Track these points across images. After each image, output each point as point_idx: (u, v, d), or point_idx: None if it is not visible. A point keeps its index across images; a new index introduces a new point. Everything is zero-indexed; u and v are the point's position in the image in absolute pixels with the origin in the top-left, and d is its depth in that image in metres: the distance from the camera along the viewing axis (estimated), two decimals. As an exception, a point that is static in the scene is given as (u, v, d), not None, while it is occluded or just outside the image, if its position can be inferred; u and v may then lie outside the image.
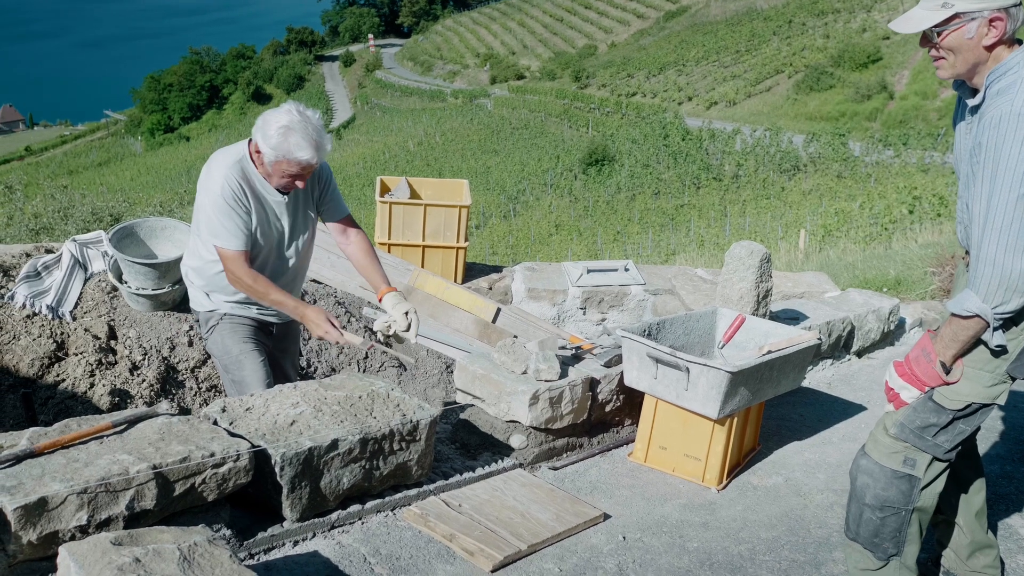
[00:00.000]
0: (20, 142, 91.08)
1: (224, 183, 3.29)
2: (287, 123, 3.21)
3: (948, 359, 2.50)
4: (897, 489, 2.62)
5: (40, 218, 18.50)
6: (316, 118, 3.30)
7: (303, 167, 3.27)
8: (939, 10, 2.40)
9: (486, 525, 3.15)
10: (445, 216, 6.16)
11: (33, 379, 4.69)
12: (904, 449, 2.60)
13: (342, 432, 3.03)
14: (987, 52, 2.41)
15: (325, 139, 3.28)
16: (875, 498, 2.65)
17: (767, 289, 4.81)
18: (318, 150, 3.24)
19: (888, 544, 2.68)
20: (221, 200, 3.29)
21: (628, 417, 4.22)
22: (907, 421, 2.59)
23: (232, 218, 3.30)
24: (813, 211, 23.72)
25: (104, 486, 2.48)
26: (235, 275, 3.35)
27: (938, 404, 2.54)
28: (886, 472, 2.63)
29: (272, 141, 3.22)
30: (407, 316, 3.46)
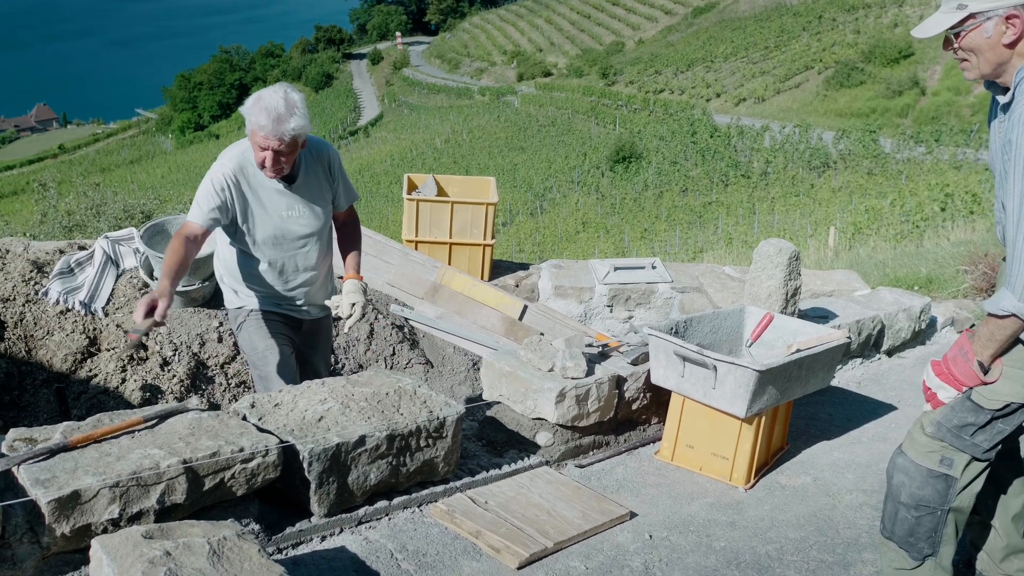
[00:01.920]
0: (54, 140, 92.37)
1: (215, 171, 3.41)
2: (261, 94, 3.31)
3: (986, 359, 2.46)
4: (933, 488, 2.59)
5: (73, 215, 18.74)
6: (295, 97, 3.31)
7: (265, 137, 3.26)
8: (954, 12, 2.41)
9: (512, 522, 3.16)
10: (472, 213, 6.16)
11: (66, 374, 4.76)
12: (941, 448, 2.57)
13: (369, 428, 3.04)
14: (1009, 50, 2.40)
15: (291, 115, 3.25)
16: (911, 497, 2.62)
17: (796, 287, 4.77)
18: (276, 121, 3.22)
19: (923, 544, 2.65)
20: (208, 182, 3.40)
21: (655, 415, 4.20)
22: (944, 420, 2.56)
23: (207, 198, 3.38)
24: (843, 209, 23.48)
25: (135, 480, 2.51)
26: (177, 233, 3.39)
27: (976, 404, 2.50)
28: (922, 471, 2.60)
29: (246, 107, 3.32)
30: (352, 307, 3.56)
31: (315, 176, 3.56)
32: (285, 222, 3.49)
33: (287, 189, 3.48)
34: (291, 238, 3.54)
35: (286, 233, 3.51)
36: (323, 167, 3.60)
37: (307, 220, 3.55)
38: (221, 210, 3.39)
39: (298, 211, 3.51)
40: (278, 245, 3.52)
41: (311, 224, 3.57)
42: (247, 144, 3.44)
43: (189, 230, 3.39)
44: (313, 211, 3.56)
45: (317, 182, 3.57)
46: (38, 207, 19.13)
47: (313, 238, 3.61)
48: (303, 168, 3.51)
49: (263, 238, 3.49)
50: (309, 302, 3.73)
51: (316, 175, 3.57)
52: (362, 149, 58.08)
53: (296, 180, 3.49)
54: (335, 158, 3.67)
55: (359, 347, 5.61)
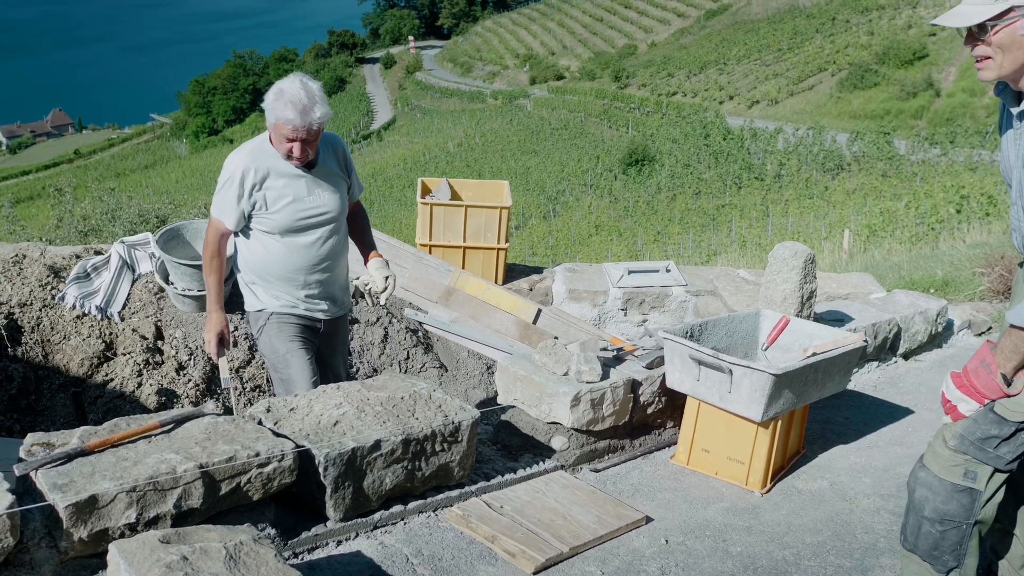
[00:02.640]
0: (69, 145, 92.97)
1: (232, 165, 3.52)
2: (282, 88, 3.41)
3: (1009, 371, 2.41)
4: (958, 503, 2.54)
5: (89, 220, 18.85)
6: (314, 86, 3.44)
7: (293, 130, 3.38)
8: (993, 4, 2.29)
9: (528, 527, 3.15)
10: (486, 217, 6.17)
11: (83, 378, 4.78)
12: (965, 462, 2.51)
13: (385, 433, 3.04)
14: None
15: (315, 104, 3.39)
16: (935, 511, 2.57)
17: (811, 291, 4.75)
18: (302, 113, 3.35)
19: (948, 557, 2.60)
20: (225, 177, 3.52)
21: (670, 419, 4.19)
22: (967, 433, 2.49)
23: (225, 193, 3.52)
24: (857, 211, 23.38)
25: (152, 485, 2.51)
26: (206, 240, 3.60)
27: (1000, 416, 2.44)
28: (946, 485, 2.54)
29: (268, 103, 3.42)
30: (386, 280, 3.65)
31: (331, 163, 3.69)
32: (305, 206, 3.59)
33: (306, 174, 3.58)
34: (311, 221, 3.62)
35: (305, 216, 3.59)
36: (338, 157, 3.73)
37: (326, 203, 3.64)
38: (242, 201, 3.51)
39: (317, 195, 3.62)
40: (299, 230, 3.60)
41: (329, 207, 3.65)
42: (261, 140, 3.58)
43: (216, 231, 3.57)
44: (331, 194, 3.66)
45: (332, 168, 3.69)
46: (54, 212, 19.24)
47: (331, 223, 3.68)
48: (320, 154, 3.63)
49: (284, 223, 3.57)
50: (326, 293, 3.76)
51: (331, 162, 3.69)
52: (375, 153, 58.25)
53: (315, 165, 3.61)
54: (347, 150, 3.84)
55: (373, 351, 5.61)
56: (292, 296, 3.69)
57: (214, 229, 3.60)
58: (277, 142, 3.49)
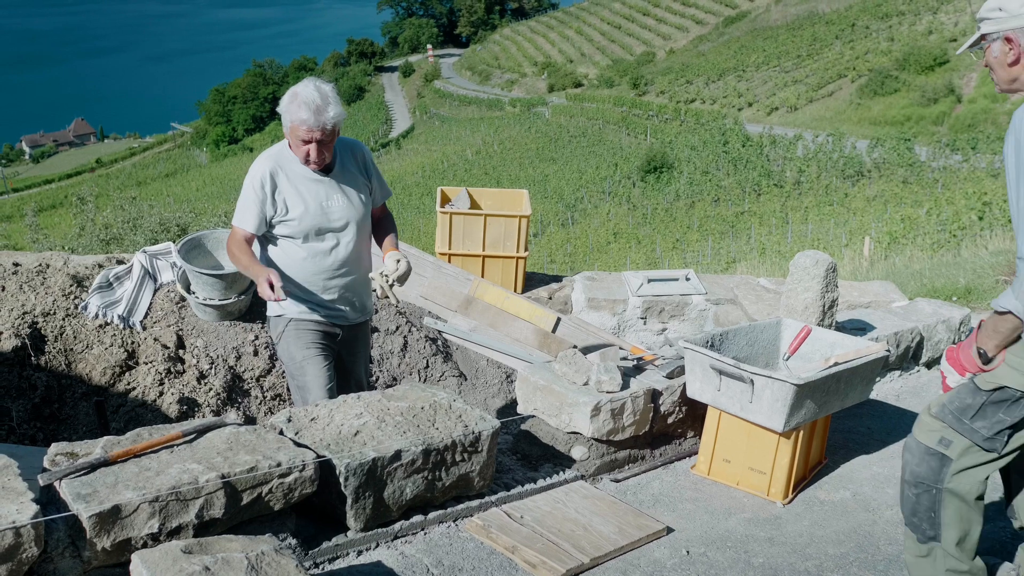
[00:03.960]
0: (91, 154, 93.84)
1: (254, 173, 3.58)
2: (296, 90, 3.47)
3: (989, 348, 2.57)
4: (928, 466, 2.70)
5: (111, 228, 19.01)
6: (327, 88, 3.50)
7: (308, 130, 3.44)
8: (976, 32, 2.65)
9: (548, 537, 3.14)
10: (505, 226, 6.17)
11: (105, 387, 4.81)
12: (942, 429, 2.69)
13: (405, 443, 3.05)
14: (1012, 69, 2.58)
15: (328, 104, 3.45)
16: (911, 474, 2.75)
17: (833, 299, 4.72)
18: (316, 113, 3.42)
19: (925, 525, 2.74)
20: (247, 183, 3.57)
21: (691, 429, 4.17)
22: (948, 403, 2.69)
23: (247, 199, 3.57)
24: (878, 218, 23.25)
25: (175, 495, 2.53)
26: (229, 246, 3.63)
27: (976, 386, 2.63)
28: (921, 448, 2.73)
29: (283, 107, 3.49)
30: (398, 263, 3.67)
31: (350, 167, 3.73)
32: (325, 211, 3.62)
33: (326, 179, 3.62)
34: (330, 225, 3.64)
35: (326, 220, 3.63)
36: (358, 162, 3.77)
37: (345, 207, 3.67)
38: (264, 207, 3.56)
39: (336, 199, 3.65)
40: (319, 234, 3.63)
41: (349, 211, 3.68)
42: (280, 146, 3.64)
43: (239, 237, 3.59)
44: (350, 199, 3.69)
45: (352, 173, 3.73)
46: (76, 220, 19.40)
47: (351, 227, 3.70)
48: (338, 158, 3.68)
49: (304, 227, 3.60)
50: (347, 299, 3.77)
51: (351, 167, 3.73)
52: (393, 161, 58.45)
53: (332, 169, 3.65)
54: (369, 155, 3.88)
55: (393, 359, 5.62)
56: (312, 301, 3.70)
57: (236, 236, 3.61)
58: (294, 146, 3.54)
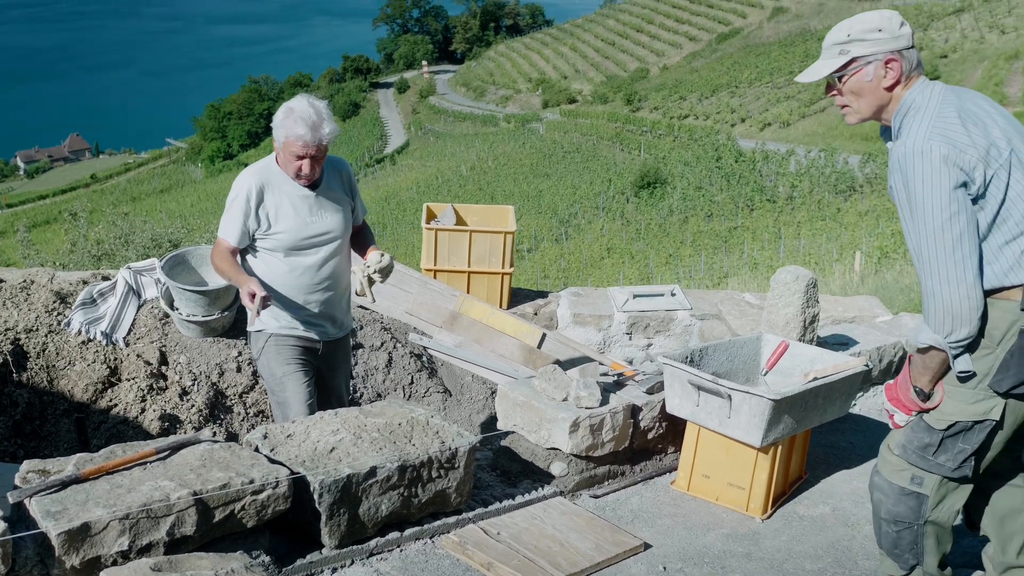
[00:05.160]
0: (86, 170, 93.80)
1: (239, 185, 3.61)
2: (291, 106, 3.51)
3: (924, 385, 2.56)
4: (906, 506, 2.68)
5: (103, 244, 19.00)
6: (321, 104, 3.55)
7: (304, 146, 3.48)
8: (837, 57, 2.56)
9: (524, 554, 3.14)
10: (491, 242, 6.18)
11: (87, 404, 4.81)
12: (910, 467, 2.66)
13: (380, 459, 3.05)
14: (888, 93, 2.56)
15: (324, 121, 3.50)
16: (888, 513, 2.72)
17: (814, 315, 4.74)
18: (312, 129, 3.46)
19: (908, 555, 2.75)
20: (232, 196, 3.60)
21: (671, 445, 4.17)
22: (907, 442, 2.65)
23: (232, 212, 3.60)
24: (870, 233, 23.30)
25: (146, 512, 2.52)
26: (213, 257, 3.65)
27: (928, 424, 2.60)
28: (895, 489, 2.69)
29: (277, 122, 3.53)
30: (381, 256, 3.71)
31: (335, 184, 3.76)
32: (308, 226, 3.64)
33: (311, 194, 3.65)
34: (313, 241, 3.66)
35: (309, 234, 3.65)
36: (342, 180, 3.81)
37: (328, 223, 3.69)
38: (248, 220, 3.58)
39: (320, 215, 3.68)
40: (301, 249, 3.65)
41: (333, 227, 3.71)
42: (267, 161, 3.68)
43: (224, 249, 3.61)
44: (333, 216, 3.72)
45: (336, 190, 3.76)
46: (68, 236, 19.41)
47: (333, 243, 3.72)
48: (324, 175, 3.71)
49: (287, 242, 3.62)
50: (327, 314, 3.78)
51: (335, 185, 3.76)
52: (388, 177, 58.54)
53: (319, 186, 3.67)
54: (352, 173, 3.93)
55: (377, 375, 5.62)
56: (293, 316, 3.71)
57: (220, 248, 3.63)
58: (285, 161, 3.57)
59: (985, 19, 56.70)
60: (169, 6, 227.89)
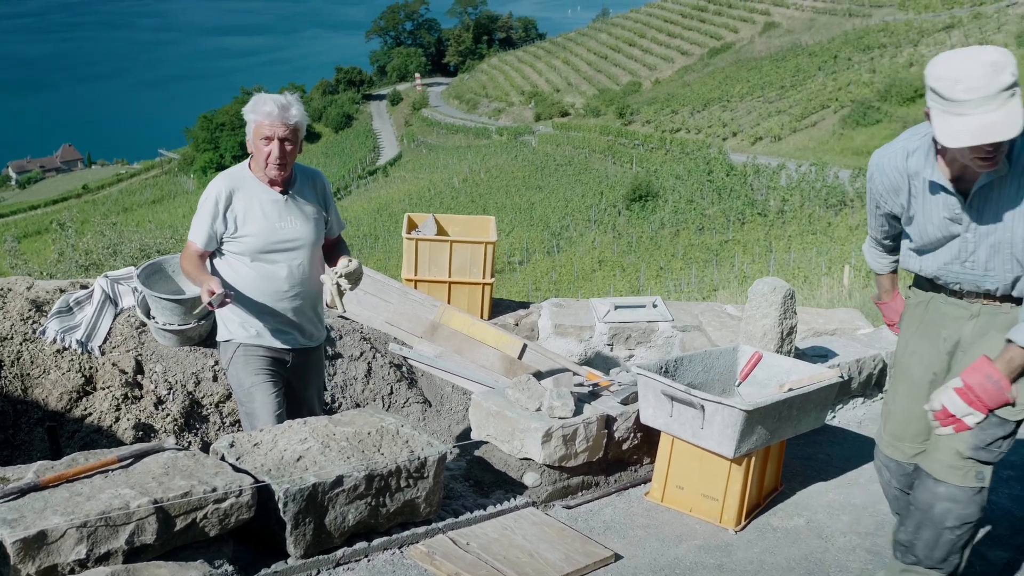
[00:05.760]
0: (78, 181, 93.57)
1: (210, 188, 3.62)
2: (260, 95, 3.60)
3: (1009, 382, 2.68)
4: (976, 504, 2.82)
5: (91, 254, 18.98)
6: (289, 95, 3.62)
7: (271, 124, 3.50)
8: (1015, 99, 2.40)
9: (493, 564, 3.11)
10: (471, 252, 6.18)
11: (61, 413, 4.77)
12: (975, 465, 2.79)
13: (348, 468, 3.02)
14: None
15: (292, 104, 3.55)
16: (958, 518, 2.82)
17: (791, 326, 4.73)
18: (281, 108, 3.51)
19: (956, 557, 2.88)
20: (203, 199, 3.61)
21: (646, 455, 4.15)
22: (979, 442, 2.75)
23: (201, 215, 3.60)
24: (859, 247, 23.37)
25: (104, 520, 2.50)
26: (183, 260, 3.68)
27: (1002, 418, 2.72)
28: (968, 492, 2.80)
29: (247, 109, 3.58)
30: (349, 262, 3.66)
31: (308, 193, 3.75)
32: (277, 230, 3.63)
33: (281, 197, 3.64)
34: (282, 245, 3.65)
35: (277, 239, 3.63)
36: (316, 190, 3.80)
37: (299, 229, 3.68)
38: (216, 222, 3.58)
39: (289, 221, 3.66)
40: (268, 252, 3.63)
41: (303, 233, 3.69)
42: (240, 166, 3.70)
43: (193, 252, 3.61)
44: (304, 223, 3.70)
45: (309, 200, 3.74)
46: (55, 246, 19.38)
47: (302, 250, 3.70)
48: (297, 180, 3.70)
49: (255, 246, 3.61)
50: (296, 323, 3.76)
51: (308, 194, 3.75)
52: (381, 189, 58.55)
53: (291, 189, 3.67)
54: (328, 186, 3.92)
55: (356, 386, 5.60)
56: (261, 323, 3.69)
57: (189, 251, 3.63)
58: (256, 149, 3.57)
59: (975, 35, 57.05)
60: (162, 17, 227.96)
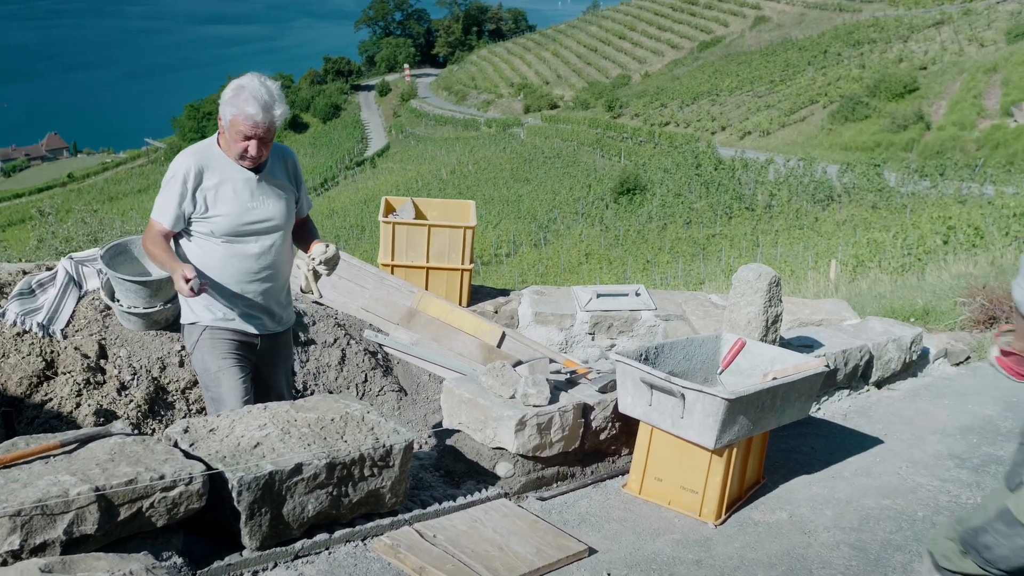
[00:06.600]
0: (64, 169, 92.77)
1: (176, 165, 3.43)
2: (242, 83, 3.36)
3: None
4: None
5: (72, 241, 18.70)
6: (273, 85, 3.39)
7: (253, 126, 3.32)
8: None
9: (460, 558, 2.97)
10: (450, 237, 6.01)
11: (21, 398, 4.60)
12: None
13: (307, 456, 2.87)
14: None
15: (276, 102, 3.36)
16: None
17: (776, 314, 4.60)
18: (264, 109, 3.31)
19: None
20: (168, 177, 3.42)
21: (625, 446, 4.01)
22: None
23: (167, 193, 3.40)
24: (846, 241, 23.31)
25: (40, 509, 2.34)
26: (145, 241, 3.47)
27: None
28: None
29: (226, 99, 3.36)
30: (326, 248, 3.55)
31: (280, 171, 3.59)
32: (249, 211, 3.47)
33: (253, 178, 3.47)
34: (253, 227, 3.49)
35: (248, 220, 3.47)
36: (287, 168, 3.64)
37: (270, 209, 3.52)
38: (184, 201, 3.40)
39: (261, 201, 3.50)
40: (239, 235, 3.47)
41: (273, 214, 3.53)
42: (208, 142, 3.50)
43: (156, 232, 3.42)
44: (276, 202, 3.54)
45: (280, 178, 3.58)
46: (34, 233, 19.10)
47: (276, 230, 3.55)
48: (269, 161, 3.53)
49: (225, 227, 3.44)
50: (265, 306, 3.60)
51: (280, 172, 3.59)
52: (368, 179, 58.21)
53: (263, 170, 3.50)
54: (298, 163, 3.75)
55: (330, 373, 5.44)
56: (228, 307, 3.53)
57: (153, 231, 3.43)
58: (232, 140, 3.38)
59: (965, 32, 57.14)
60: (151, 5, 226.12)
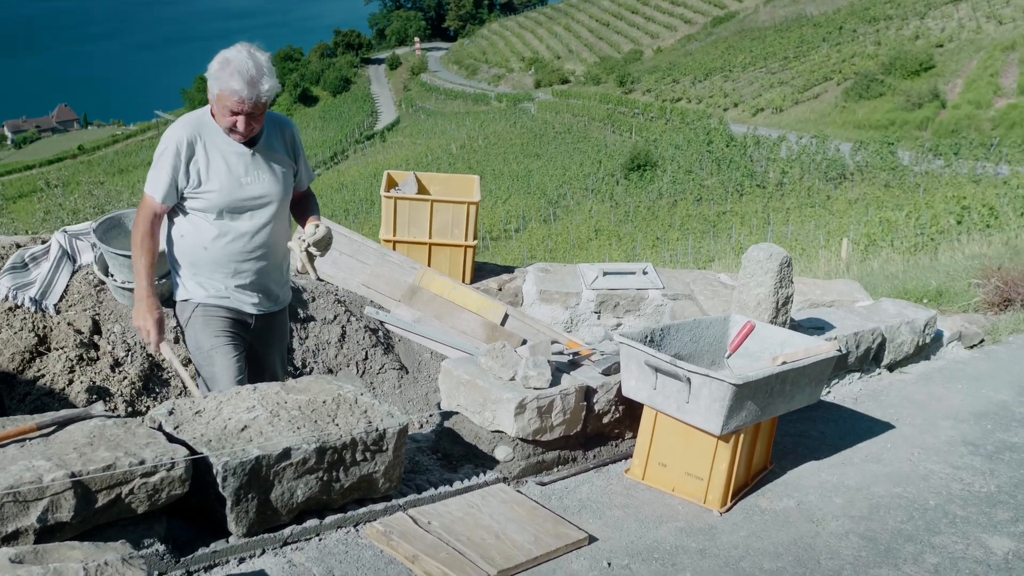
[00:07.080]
0: (74, 141, 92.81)
1: (169, 137, 3.30)
2: (228, 56, 3.21)
3: None
4: None
5: (80, 213, 18.66)
6: (262, 57, 3.24)
7: (239, 102, 3.18)
8: None
9: (454, 546, 2.86)
10: (453, 212, 5.88)
11: (12, 374, 4.51)
12: None
13: (296, 440, 2.76)
14: None
15: (264, 76, 3.20)
16: None
17: (787, 295, 4.46)
18: (249, 84, 3.16)
19: None
20: (160, 149, 3.28)
21: (628, 430, 3.90)
22: None
23: (160, 167, 3.28)
24: (858, 220, 23.07)
25: (12, 495, 2.23)
26: (137, 219, 3.36)
27: None
28: None
29: (212, 72, 3.21)
30: (316, 228, 3.44)
31: (276, 145, 3.45)
32: (243, 186, 3.34)
33: (247, 151, 3.34)
34: (248, 203, 3.36)
35: (243, 196, 3.34)
36: (285, 140, 3.50)
37: (265, 184, 3.39)
38: (178, 174, 3.28)
39: (256, 176, 3.37)
40: (234, 211, 3.35)
41: (269, 189, 3.40)
42: (201, 112, 3.35)
43: (150, 209, 3.31)
44: (271, 177, 3.41)
45: (277, 151, 3.45)
46: (41, 205, 19.07)
47: (270, 205, 3.42)
48: (264, 132, 3.39)
49: (219, 203, 3.32)
50: (260, 285, 3.50)
51: (277, 144, 3.45)
52: (378, 153, 58.00)
53: (257, 143, 3.36)
54: (297, 134, 3.60)
55: (329, 350, 5.33)
56: (222, 285, 3.42)
57: (146, 208, 3.32)
58: (219, 115, 3.25)
59: (983, 9, 56.33)
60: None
